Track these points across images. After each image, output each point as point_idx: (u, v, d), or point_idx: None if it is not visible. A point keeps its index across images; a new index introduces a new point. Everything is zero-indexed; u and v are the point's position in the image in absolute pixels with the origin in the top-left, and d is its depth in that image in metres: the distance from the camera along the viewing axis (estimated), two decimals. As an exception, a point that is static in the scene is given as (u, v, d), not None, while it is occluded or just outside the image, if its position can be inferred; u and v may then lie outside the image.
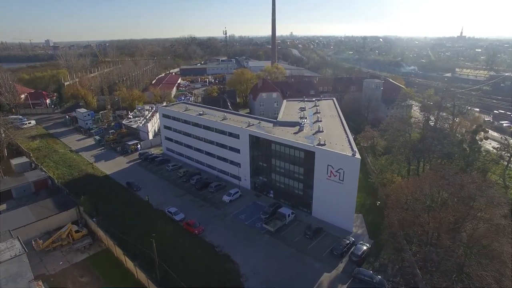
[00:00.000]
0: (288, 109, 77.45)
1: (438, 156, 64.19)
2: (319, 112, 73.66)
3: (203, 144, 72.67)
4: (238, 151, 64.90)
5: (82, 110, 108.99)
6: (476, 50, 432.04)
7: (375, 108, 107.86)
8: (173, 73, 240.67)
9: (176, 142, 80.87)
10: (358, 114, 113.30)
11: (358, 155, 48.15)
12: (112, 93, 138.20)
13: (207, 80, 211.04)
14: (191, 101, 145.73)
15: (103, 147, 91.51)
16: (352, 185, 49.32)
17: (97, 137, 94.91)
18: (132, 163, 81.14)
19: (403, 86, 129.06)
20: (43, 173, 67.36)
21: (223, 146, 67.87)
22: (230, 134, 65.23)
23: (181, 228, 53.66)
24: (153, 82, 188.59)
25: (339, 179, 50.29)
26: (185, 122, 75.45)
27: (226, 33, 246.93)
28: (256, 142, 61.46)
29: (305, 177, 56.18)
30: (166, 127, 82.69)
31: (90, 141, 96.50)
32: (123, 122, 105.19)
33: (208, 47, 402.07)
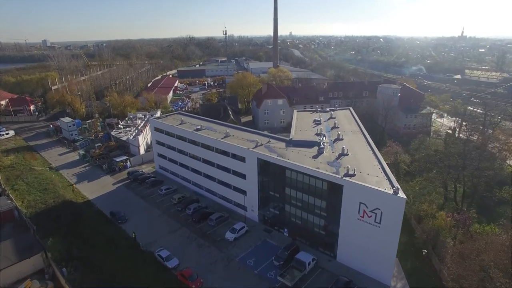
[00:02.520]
0: (301, 123, 66.50)
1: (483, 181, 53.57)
2: (338, 127, 62.73)
3: (202, 165, 61.67)
4: (243, 176, 53.94)
5: (67, 119, 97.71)
6: (480, 50, 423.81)
7: (392, 117, 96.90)
8: (170, 75, 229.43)
9: (170, 160, 69.85)
10: (372, 122, 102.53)
11: (402, 194, 37.28)
12: (102, 98, 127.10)
13: (206, 82, 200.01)
14: (188, 107, 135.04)
15: (88, 163, 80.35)
16: (393, 230, 38.47)
17: (82, 152, 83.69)
18: (120, 184, 70.05)
19: (419, 91, 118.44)
20: (9, 201, 56.15)
21: (225, 169, 56.88)
22: (234, 156, 54.23)
23: (175, 280, 42.70)
24: (148, 85, 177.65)
25: (375, 221, 39.47)
26: (180, 138, 64.43)
27: (225, 33, 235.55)
28: (266, 167, 50.52)
29: (328, 213, 45.32)
30: (158, 143, 71.64)
31: (74, 156, 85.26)
32: (112, 133, 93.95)
33: (207, 48, 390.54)
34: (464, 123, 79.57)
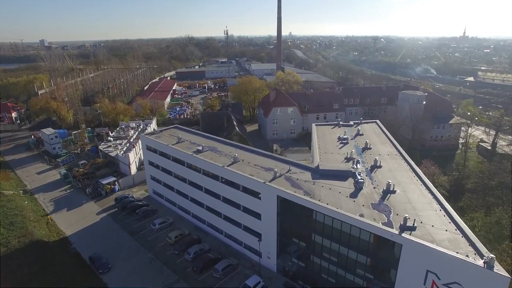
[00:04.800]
0: (324, 142, 54.97)
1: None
2: (370, 148, 51.30)
3: (204, 196, 50.09)
4: (257, 215, 42.42)
5: (49, 130, 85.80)
6: (485, 51, 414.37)
7: (418, 127, 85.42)
8: (168, 77, 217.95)
9: (166, 186, 58.25)
10: (394, 133, 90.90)
11: (500, 268, 25.76)
12: (93, 104, 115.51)
13: (206, 85, 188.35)
14: (187, 113, 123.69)
15: (70, 185, 68.72)
16: (481, 316, 27.01)
17: (63, 171, 71.86)
18: (105, 214, 58.41)
19: (445, 97, 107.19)
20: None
21: (234, 204, 45.37)
22: (246, 190, 42.69)
23: None
24: (145, 88, 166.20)
25: (451, 298, 28.03)
26: (178, 161, 52.84)
27: (227, 33, 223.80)
28: (288, 206, 39.04)
29: (376, 275, 33.87)
30: (151, 164, 60.03)
31: (55, 175, 73.54)
32: (100, 146, 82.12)
33: (207, 48, 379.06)
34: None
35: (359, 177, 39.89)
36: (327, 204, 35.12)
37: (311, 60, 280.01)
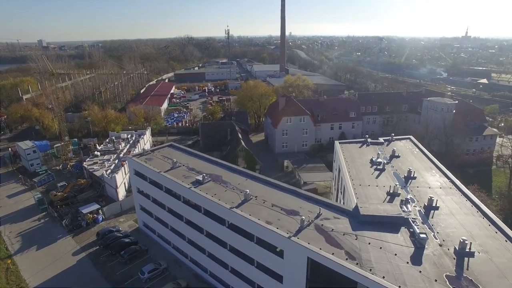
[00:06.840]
0: (354, 168, 44.08)
1: None
2: (414, 177, 40.51)
3: (205, 241, 39.20)
4: (278, 278, 31.55)
5: (26, 143, 74.61)
6: (490, 51, 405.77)
7: (455, 142, 74.49)
8: (166, 80, 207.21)
9: (158, 220, 47.39)
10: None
11: None
12: (80, 112, 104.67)
13: (206, 88, 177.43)
14: (186, 121, 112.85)
15: (45, 213, 57.80)
16: None
17: (38, 195, 60.60)
18: (84, 254, 47.53)
19: (476, 105, 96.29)
20: None
21: (245, 258, 34.50)
22: (262, 243, 31.81)
23: None
24: (141, 91, 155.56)
25: None
26: (172, 193, 41.99)
27: (228, 33, 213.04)
28: (321, 269, 28.24)
29: None
30: (140, 193, 49.14)
31: (29, 198, 62.62)
32: (85, 163, 71.07)
33: (206, 48, 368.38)
34: None
35: (416, 228, 29.17)
36: (384, 277, 24.37)
37: (315, 61, 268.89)
